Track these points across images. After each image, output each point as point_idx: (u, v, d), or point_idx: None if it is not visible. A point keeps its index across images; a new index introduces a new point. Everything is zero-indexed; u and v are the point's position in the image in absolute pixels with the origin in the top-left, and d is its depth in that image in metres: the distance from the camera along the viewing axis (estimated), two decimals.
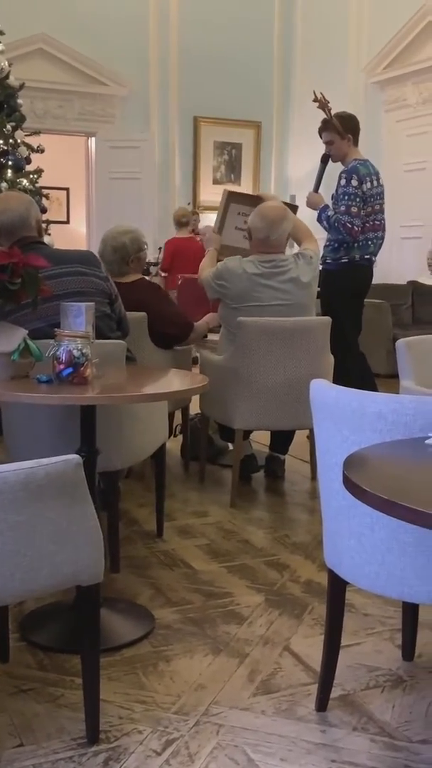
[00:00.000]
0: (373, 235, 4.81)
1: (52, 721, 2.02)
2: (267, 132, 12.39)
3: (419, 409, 1.78)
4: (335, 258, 4.80)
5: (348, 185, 4.66)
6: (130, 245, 3.78)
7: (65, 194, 14.34)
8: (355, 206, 4.63)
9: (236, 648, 2.41)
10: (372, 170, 4.77)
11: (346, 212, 4.64)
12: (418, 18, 9.22)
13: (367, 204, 4.70)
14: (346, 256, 4.76)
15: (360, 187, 4.65)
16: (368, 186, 4.69)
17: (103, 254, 3.73)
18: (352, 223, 4.63)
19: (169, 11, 11.43)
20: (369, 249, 4.81)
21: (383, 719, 2.06)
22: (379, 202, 4.81)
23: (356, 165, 4.71)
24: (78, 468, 1.78)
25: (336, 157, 4.89)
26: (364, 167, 4.72)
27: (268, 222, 3.86)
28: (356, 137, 4.86)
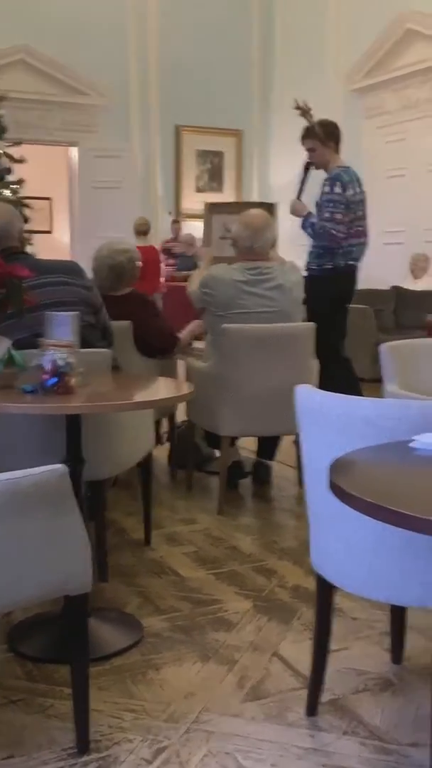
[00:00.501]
0: (357, 242, 4.82)
1: (42, 731, 2.01)
2: (248, 140, 12.44)
3: (403, 413, 1.79)
4: (320, 264, 4.80)
5: (332, 192, 4.66)
6: (126, 264, 3.80)
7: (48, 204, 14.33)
8: (339, 213, 4.64)
9: (225, 655, 2.42)
10: (354, 177, 4.78)
11: (331, 219, 4.65)
12: (396, 25, 9.29)
13: (350, 210, 4.71)
14: (330, 262, 4.77)
15: (344, 194, 4.66)
16: (351, 192, 4.70)
17: (98, 271, 3.75)
18: (337, 230, 4.64)
19: (148, 21, 11.47)
20: (352, 255, 4.82)
21: (373, 723, 2.06)
22: (362, 208, 4.83)
23: (339, 172, 4.72)
24: (64, 477, 1.78)
25: (318, 165, 4.90)
26: (347, 174, 4.74)
27: (252, 230, 3.89)
28: (338, 144, 4.88)
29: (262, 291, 3.84)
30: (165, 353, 3.98)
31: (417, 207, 9.34)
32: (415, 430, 1.76)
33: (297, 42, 11.47)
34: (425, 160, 9.24)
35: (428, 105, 9.17)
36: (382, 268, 9.09)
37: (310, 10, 11.04)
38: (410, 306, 8.23)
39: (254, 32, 12.14)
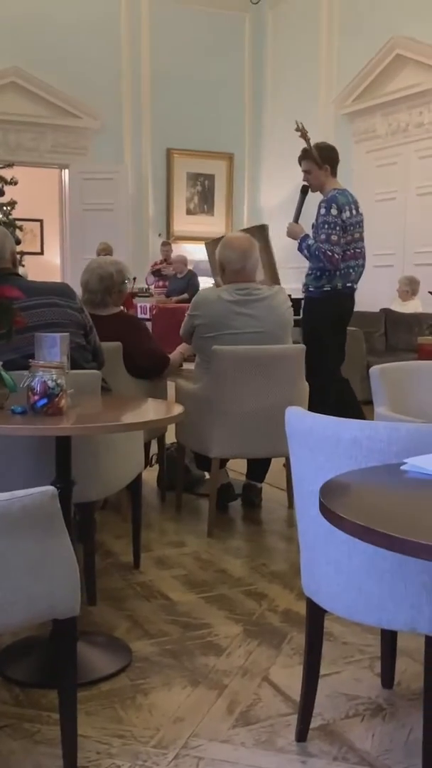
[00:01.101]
0: (354, 263, 4.84)
1: (29, 757, 1.99)
2: (239, 163, 12.53)
3: (393, 435, 1.79)
4: (317, 286, 4.81)
5: (327, 214, 4.68)
6: (116, 276, 3.79)
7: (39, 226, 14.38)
8: (335, 234, 4.66)
9: (215, 679, 2.39)
10: (351, 199, 4.80)
11: (326, 240, 4.67)
12: (386, 51, 9.40)
13: (347, 232, 4.74)
14: (329, 284, 4.78)
15: (339, 216, 4.68)
16: (348, 215, 4.72)
17: (88, 282, 3.75)
18: (332, 251, 4.66)
19: (141, 45, 11.57)
20: (350, 277, 4.83)
21: (363, 748, 2.04)
22: (359, 230, 4.85)
23: (335, 194, 4.74)
24: (53, 499, 1.76)
25: (314, 187, 4.93)
26: (343, 196, 4.76)
27: (240, 252, 3.90)
28: (334, 168, 4.90)
29: (251, 311, 3.85)
30: (155, 374, 3.98)
31: (407, 230, 9.42)
32: (405, 453, 1.76)
33: (288, 66, 11.60)
34: (415, 184, 9.33)
35: (418, 129, 9.27)
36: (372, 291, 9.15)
37: (302, 34, 11.17)
38: (400, 329, 8.26)
39: (246, 56, 12.27)
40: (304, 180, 4.97)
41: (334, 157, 4.93)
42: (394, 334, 8.31)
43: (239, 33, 12.15)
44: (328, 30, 10.65)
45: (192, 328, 3.93)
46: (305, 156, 4.91)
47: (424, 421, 2.62)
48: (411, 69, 9.17)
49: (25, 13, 10.68)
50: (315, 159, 4.84)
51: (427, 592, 1.78)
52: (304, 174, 4.95)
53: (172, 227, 12.22)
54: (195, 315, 3.89)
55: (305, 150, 4.90)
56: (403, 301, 8.77)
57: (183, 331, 4.03)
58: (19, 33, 10.60)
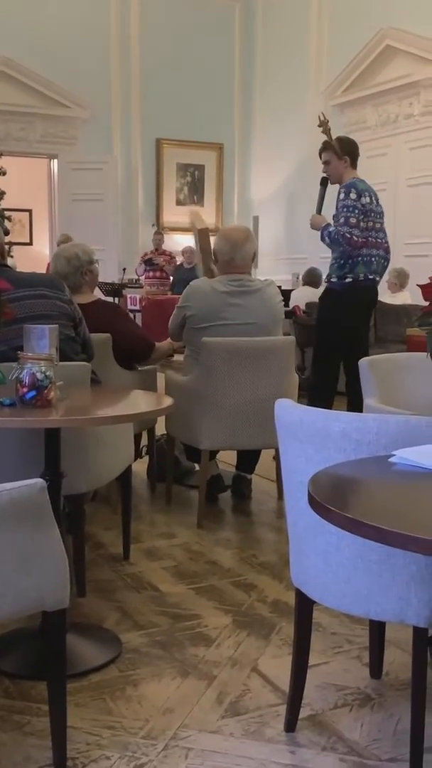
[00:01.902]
0: (376, 253, 4.80)
1: (19, 749, 1.99)
2: (229, 154, 12.50)
3: (382, 427, 1.80)
4: (340, 276, 4.76)
5: (347, 198, 4.67)
6: (82, 255, 3.74)
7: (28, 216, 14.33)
8: (354, 217, 4.62)
9: (204, 670, 2.40)
10: (371, 189, 4.81)
11: (345, 223, 4.63)
12: (375, 42, 9.39)
13: (367, 218, 4.71)
14: (351, 273, 4.74)
15: (359, 200, 4.66)
16: (367, 200, 4.71)
17: (57, 268, 3.69)
18: (351, 233, 4.61)
19: (130, 34, 11.52)
20: (372, 266, 4.79)
21: (352, 738, 2.05)
22: (380, 221, 4.83)
23: (354, 181, 4.75)
24: (42, 492, 1.76)
25: (333, 178, 4.93)
26: (362, 184, 4.76)
27: (232, 243, 3.91)
28: (354, 160, 4.92)
29: (243, 302, 3.85)
30: (142, 359, 3.97)
31: (397, 221, 9.40)
32: (394, 445, 1.77)
33: (278, 56, 11.57)
34: (405, 175, 9.33)
35: (408, 121, 9.27)
36: None
37: (292, 24, 11.14)
38: (389, 321, 8.27)
39: (236, 46, 12.23)
40: (324, 171, 4.98)
41: (353, 149, 4.96)
42: (384, 325, 8.32)
43: (229, 23, 12.11)
44: (318, 20, 10.62)
45: (182, 320, 3.92)
46: (326, 147, 4.92)
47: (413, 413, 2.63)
48: (401, 60, 9.16)
49: (14, 2, 10.62)
50: (335, 150, 4.85)
51: (415, 584, 1.79)
52: (323, 166, 4.95)
53: (162, 218, 12.19)
54: (186, 306, 3.89)
55: (326, 141, 4.94)
56: (393, 293, 8.78)
57: (172, 325, 4.01)
58: (8, 23, 10.54)
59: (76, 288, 3.68)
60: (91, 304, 3.72)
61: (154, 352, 4.02)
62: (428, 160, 8.97)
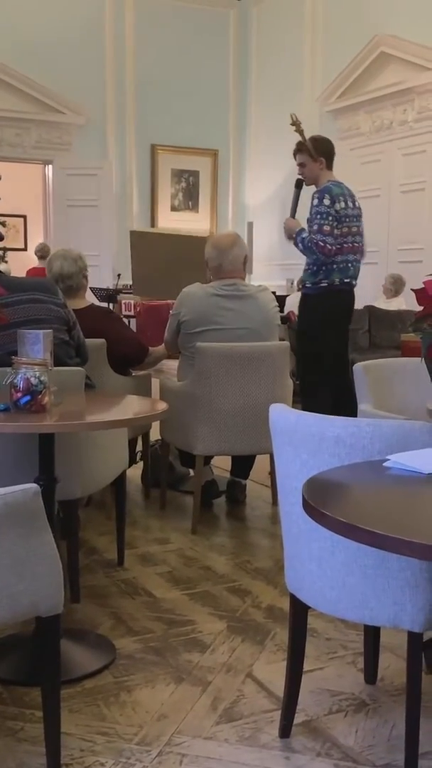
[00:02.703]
0: (353, 258, 4.74)
1: (12, 755, 1.98)
2: (224, 159, 12.51)
3: (376, 432, 1.80)
4: (314, 282, 4.71)
5: (320, 204, 4.59)
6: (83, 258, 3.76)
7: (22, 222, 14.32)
8: (328, 225, 4.55)
9: (198, 676, 2.40)
10: (346, 192, 4.72)
11: (318, 231, 4.56)
12: (370, 48, 9.41)
13: (342, 224, 4.63)
14: (326, 279, 4.68)
15: (332, 206, 4.58)
16: (342, 206, 4.62)
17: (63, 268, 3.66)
18: (325, 242, 4.54)
19: (125, 40, 11.53)
20: (349, 272, 4.74)
21: (347, 744, 2.05)
22: (356, 224, 4.75)
23: (329, 185, 4.66)
24: (36, 497, 1.76)
25: (309, 180, 4.84)
26: (338, 187, 4.68)
27: (219, 249, 3.92)
28: (329, 161, 4.82)
29: (238, 307, 3.86)
30: (135, 362, 3.98)
31: (390, 228, 9.44)
32: (388, 450, 1.77)
33: (272, 63, 11.60)
34: (398, 182, 9.34)
35: (402, 127, 9.29)
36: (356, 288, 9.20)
37: (286, 31, 11.17)
38: (384, 326, 8.28)
39: (230, 52, 12.24)
40: (299, 174, 4.88)
41: (328, 149, 4.86)
42: (378, 331, 8.33)
43: (224, 29, 12.13)
44: (313, 27, 10.65)
45: (177, 326, 3.91)
46: (300, 149, 4.81)
47: (406, 417, 2.63)
48: (395, 66, 9.18)
49: (8, 8, 10.63)
50: (309, 151, 4.77)
51: (409, 588, 1.79)
52: (299, 168, 4.86)
53: (157, 224, 12.18)
54: (179, 312, 3.89)
55: (300, 143, 4.82)
56: (387, 299, 8.80)
57: (168, 334, 4.00)
58: (3, 28, 10.54)
59: (78, 288, 3.70)
60: (85, 309, 3.72)
61: (148, 357, 4.02)
62: (422, 166, 8.99)
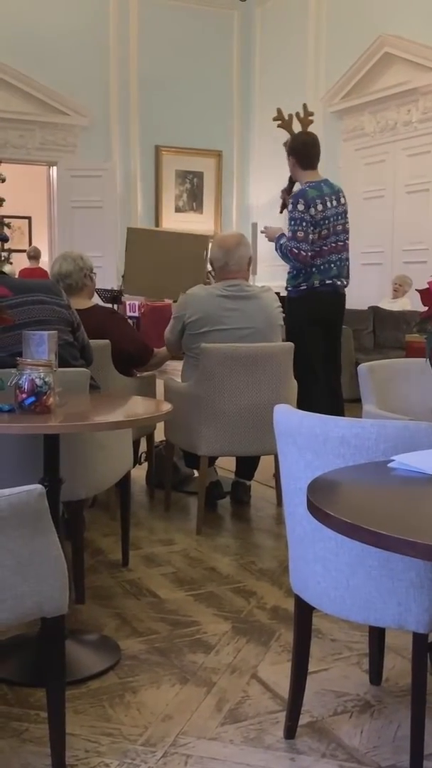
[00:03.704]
0: (336, 258, 4.64)
1: (17, 756, 1.98)
2: (228, 161, 12.52)
3: (381, 433, 1.80)
4: (294, 285, 4.67)
5: (294, 210, 4.51)
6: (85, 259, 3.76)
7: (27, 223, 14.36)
8: (301, 231, 4.48)
9: (203, 677, 2.40)
10: (325, 191, 4.59)
11: (293, 237, 4.50)
12: (374, 49, 9.41)
13: (320, 227, 4.54)
14: (305, 282, 4.62)
15: (306, 212, 4.48)
16: (319, 209, 4.52)
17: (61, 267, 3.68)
18: (299, 248, 4.48)
19: (129, 42, 11.54)
20: (331, 272, 4.63)
21: (352, 745, 2.05)
22: (341, 222, 4.64)
23: (305, 189, 4.57)
24: (41, 498, 1.76)
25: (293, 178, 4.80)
26: (314, 189, 4.55)
27: (225, 249, 3.93)
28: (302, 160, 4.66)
29: (241, 307, 3.86)
30: (140, 362, 3.99)
31: (395, 228, 9.44)
32: (393, 450, 1.77)
33: (276, 64, 11.60)
34: (403, 182, 9.34)
35: (406, 127, 9.28)
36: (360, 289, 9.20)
37: (290, 32, 11.17)
38: (388, 326, 8.28)
39: (234, 53, 12.25)
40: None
41: (298, 148, 4.70)
42: (382, 331, 8.33)
43: (227, 30, 12.14)
44: (316, 27, 10.65)
45: (182, 327, 3.90)
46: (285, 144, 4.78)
47: (411, 418, 2.63)
48: (399, 67, 9.18)
49: (12, 9, 10.64)
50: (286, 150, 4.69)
51: (414, 589, 1.79)
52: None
53: (161, 225, 12.19)
54: (184, 314, 3.88)
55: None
56: (394, 299, 8.80)
57: (170, 336, 3.98)
58: (7, 30, 10.56)
59: (78, 288, 3.68)
60: (89, 309, 3.73)
61: (153, 358, 4.02)
62: (426, 166, 8.99)
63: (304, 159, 4.68)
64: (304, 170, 4.68)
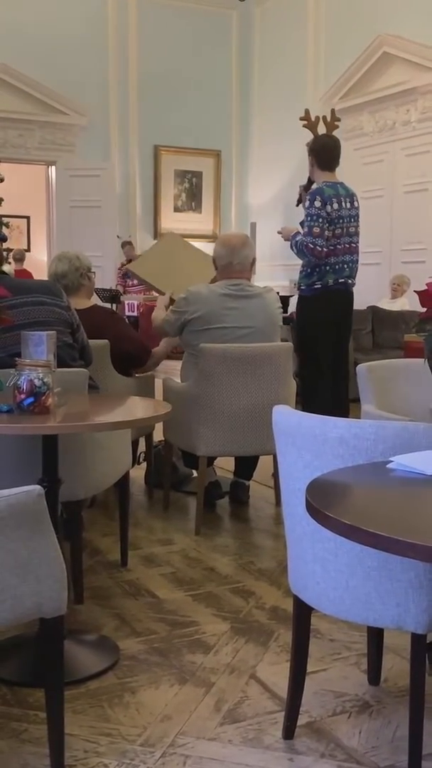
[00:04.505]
0: (349, 258, 4.77)
1: (16, 756, 1.98)
2: (227, 160, 12.52)
3: (380, 433, 1.80)
4: (308, 284, 4.75)
5: (311, 206, 4.64)
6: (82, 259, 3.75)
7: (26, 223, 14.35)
8: (317, 227, 4.60)
9: (202, 677, 2.40)
10: (341, 192, 4.74)
11: (308, 233, 4.61)
12: (373, 48, 9.41)
13: (335, 225, 4.66)
14: (320, 281, 4.72)
15: (323, 208, 4.61)
16: (335, 207, 4.65)
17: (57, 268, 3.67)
18: (315, 243, 4.59)
19: (128, 41, 11.55)
20: (344, 273, 4.76)
21: (350, 745, 2.05)
22: (353, 224, 4.78)
23: (322, 186, 4.71)
24: (40, 498, 1.76)
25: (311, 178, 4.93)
26: (331, 189, 4.70)
27: (230, 248, 3.94)
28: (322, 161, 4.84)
29: (243, 306, 3.86)
30: (138, 361, 3.99)
31: (394, 228, 9.44)
32: (392, 451, 1.77)
33: (275, 63, 11.60)
34: (401, 182, 9.34)
35: (405, 127, 9.29)
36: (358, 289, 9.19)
37: (289, 31, 11.17)
38: (387, 326, 8.28)
39: (233, 53, 12.26)
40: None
41: (319, 149, 4.88)
42: (381, 331, 8.33)
43: (226, 30, 12.14)
44: (315, 27, 10.65)
45: (182, 323, 3.89)
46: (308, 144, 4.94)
47: (410, 419, 2.63)
48: (398, 67, 9.18)
49: (11, 9, 10.64)
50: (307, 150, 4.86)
51: (413, 590, 1.79)
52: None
53: (160, 225, 12.20)
54: (186, 311, 3.87)
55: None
56: (393, 299, 8.80)
57: (169, 329, 3.98)
58: (6, 30, 10.56)
59: (75, 288, 3.67)
60: (88, 309, 3.73)
61: (151, 358, 4.03)
62: (425, 166, 8.99)
63: (323, 160, 4.86)
64: (321, 171, 4.85)
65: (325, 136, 5.06)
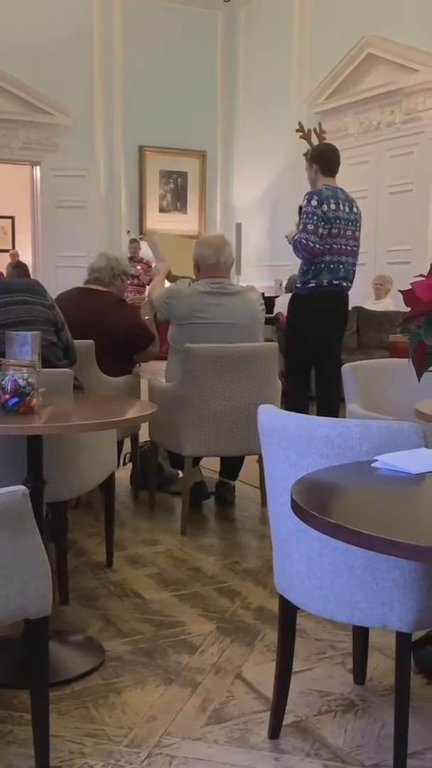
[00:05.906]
0: (345, 260, 4.83)
1: (1, 758, 1.97)
2: (212, 161, 12.53)
3: (365, 432, 1.80)
4: (303, 281, 4.83)
5: (308, 205, 4.73)
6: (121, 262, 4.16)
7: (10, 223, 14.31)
8: (312, 224, 4.67)
9: (188, 677, 2.39)
10: (341, 196, 4.82)
11: (303, 230, 4.70)
12: (357, 50, 9.44)
13: (331, 224, 4.72)
14: (314, 279, 4.78)
15: (319, 207, 4.69)
16: (332, 207, 4.73)
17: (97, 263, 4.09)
18: (307, 239, 4.67)
19: (113, 41, 11.53)
20: (339, 273, 4.81)
21: (336, 744, 2.05)
22: (351, 228, 4.85)
23: (321, 188, 4.80)
24: (24, 499, 1.75)
25: (310, 185, 5.00)
26: (330, 191, 4.79)
27: (215, 247, 3.99)
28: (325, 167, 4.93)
29: (225, 303, 3.89)
30: (140, 347, 4.12)
31: (378, 229, 9.46)
32: (376, 450, 1.77)
33: (260, 64, 11.61)
34: (386, 183, 9.37)
35: (389, 128, 9.32)
36: None
37: (274, 32, 11.18)
38: (372, 327, 8.31)
39: (218, 54, 12.26)
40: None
41: (321, 155, 5.01)
42: (366, 332, 8.35)
43: (212, 30, 12.15)
44: (300, 28, 10.67)
45: (166, 313, 3.99)
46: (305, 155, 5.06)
47: (395, 418, 2.64)
48: (383, 68, 9.21)
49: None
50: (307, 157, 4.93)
51: (398, 589, 1.79)
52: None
53: (145, 225, 12.19)
54: (168, 303, 3.95)
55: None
56: (378, 299, 8.83)
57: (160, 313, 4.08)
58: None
59: (106, 284, 4.06)
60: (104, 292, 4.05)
61: (153, 345, 4.16)
62: (409, 167, 9.03)
63: (326, 166, 4.96)
64: (324, 176, 4.93)
65: (325, 144, 5.23)
